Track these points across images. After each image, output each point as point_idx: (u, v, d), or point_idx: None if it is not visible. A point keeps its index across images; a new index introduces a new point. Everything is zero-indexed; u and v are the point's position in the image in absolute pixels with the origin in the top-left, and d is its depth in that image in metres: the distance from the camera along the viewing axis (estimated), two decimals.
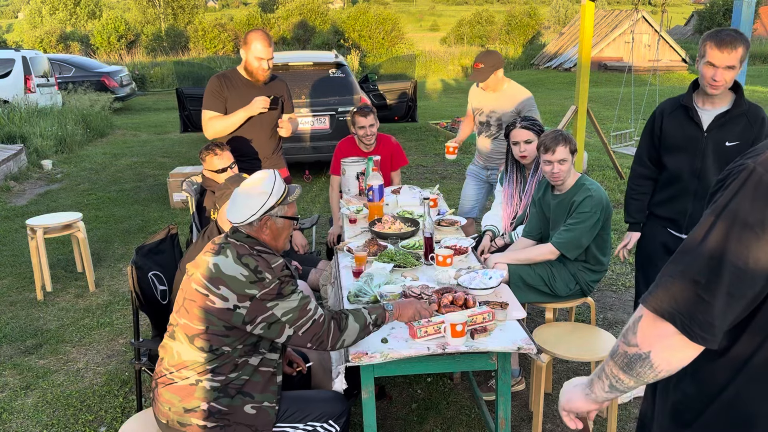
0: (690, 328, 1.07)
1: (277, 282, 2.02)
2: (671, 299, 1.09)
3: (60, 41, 31.39)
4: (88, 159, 9.68)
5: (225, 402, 2.06)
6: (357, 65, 21.72)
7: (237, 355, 2.06)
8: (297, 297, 2.05)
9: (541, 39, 29.74)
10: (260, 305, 2.00)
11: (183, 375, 2.07)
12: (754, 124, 2.62)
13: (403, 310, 2.25)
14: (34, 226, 4.57)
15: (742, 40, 2.49)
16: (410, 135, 10.61)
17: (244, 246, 2.10)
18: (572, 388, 1.38)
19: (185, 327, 2.08)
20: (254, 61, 3.73)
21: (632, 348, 1.14)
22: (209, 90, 3.81)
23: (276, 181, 2.17)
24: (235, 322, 2.01)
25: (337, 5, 49.20)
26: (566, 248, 2.98)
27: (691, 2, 54.70)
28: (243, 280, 2.00)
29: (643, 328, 1.12)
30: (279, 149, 4.07)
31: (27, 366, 3.70)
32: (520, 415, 3.08)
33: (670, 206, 2.88)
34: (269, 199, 2.13)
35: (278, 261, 2.06)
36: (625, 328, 1.18)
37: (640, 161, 3.00)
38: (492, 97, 4.08)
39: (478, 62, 3.96)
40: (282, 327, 2.03)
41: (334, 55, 8.64)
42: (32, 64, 12.23)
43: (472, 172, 4.37)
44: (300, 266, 3.55)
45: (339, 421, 2.22)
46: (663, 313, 1.09)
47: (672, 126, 2.81)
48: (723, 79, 2.54)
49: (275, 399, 2.14)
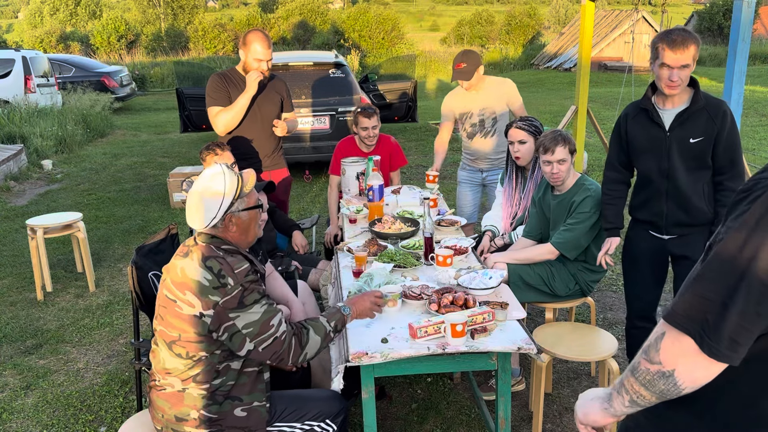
0: (717, 348, 1.05)
1: (240, 289, 1.94)
2: (696, 316, 1.06)
3: (60, 41, 31.40)
4: (88, 159, 9.68)
5: (214, 409, 2.02)
6: (357, 65, 21.73)
7: (216, 361, 2.00)
8: (260, 309, 1.97)
9: (541, 39, 29.74)
10: (223, 313, 1.93)
11: (169, 382, 2.04)
12: (716, 118, 2.63)
13: (358, 307, 2.22)
14: (34, 226, 4.58)
15: (692, 39, 2.53)
16: (410, 135, 10.61)
17: (210, 247, 2.02)
18: (589, 401, 1.36)
19: (162, 333, 2.04)
20: (253, 62, 3.73)
21: (655, 366, 1.12)
22: (212, 87, 3.80)
23: (226, 177, 2.06)
24: (203, 331, 1.96)
25: (337, 5, 49.18)
26: (566, 248, 2.98)
27: (691, 2, 54.69)
28: (207, 285, 1.93)
29: (667, 346, 1.10)
30: (279, 148, 4.07)
31: (27, 366, 3.70)
32: (520, 415, 3.08)
33: (647, 209, 2.88)
34: (224, 198, 2.03)
35: (242, 266, 1.98)
36: (646, 345, 1.15)
37: (611, 166, 2.97)
38: (478, 96, 4.07)
39: (460, 63, 3.93)
40: (243, 340, 1.96)
41: (334, 55, 8.64)
42: (32, 64, 12.23)
43: (465, 178, 4.33)
44: (300, 266, 3.55)
45: (336, 420, 2.21)
46: (687, 331, 1.07)
47: (636, 129, 2.82)
48: (679, 79, 2.56)
49: (264, 396, 2.11)
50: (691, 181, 2.71)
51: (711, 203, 2.74)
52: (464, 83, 3.99)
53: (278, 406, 2.16)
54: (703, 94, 2.67)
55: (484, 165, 4.22)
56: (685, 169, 2.70)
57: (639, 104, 2.80)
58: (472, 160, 4.27)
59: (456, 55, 4.01)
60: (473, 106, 4.09)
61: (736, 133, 2.68)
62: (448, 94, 4.26)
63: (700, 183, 2.72)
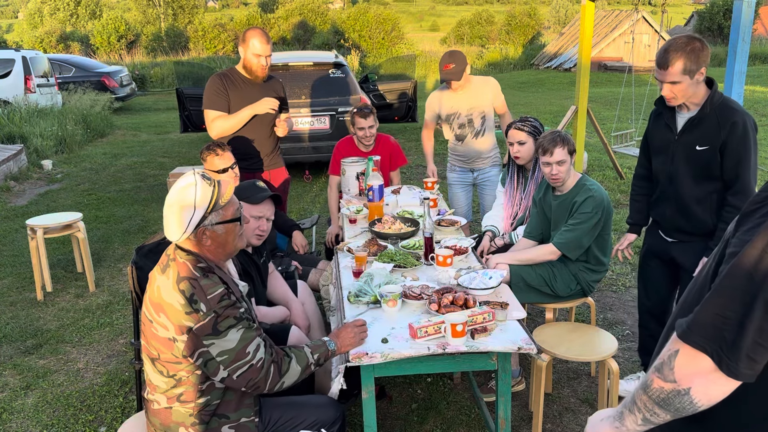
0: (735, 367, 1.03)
1: (213, 315, 1.85)
2: (712, 334, 1.04)
3: (60, 41, 31.41)
4: (88, 159, 9.68)
5: (201, 428, 1.98)
6: (357, 65, 21.72)
7: (198, 381, 1.94)
8: (236, 335, 1.89)
9: (541, 39, 29.75)
10: (197, 339, 1.86)
11: (156, 398, 2.01)
12: (723, 128, 2.54)
13: (342, 340, 2.15)
14: (34, 226, 4.58)
15: (677, 55, 2.46)
16: (410, 135, 10.60)
17: (186, 266, 1.92)
18: (599, 422, 1.33)
19: (145, 348, 1.99)
20: (253, 58, 3.75)
21: (669, 384, 1.11)
22: (211, 89, 3.80)
23: (198, 188, 1.94)
24: (178, 355, 1.89)
25: (337, 5, 49.20)
26: (567, 248, 2.98)
27: (691, 2, 54.71)
28: (179, 309, 1.86)
29: (682, 364, 1.08)
30: (277, 148, 4.09)
31: (27, 366, 3.70)
32: (520, 415, 3.08)
33: (655, 208, 2.94)
34: (195, 212, 1.92)
35: (216, 291, 1.88)
36: (659, 362, 1.13)
37: (639, 161, 3.05)
38: (464, 95, 4.06)
39: (448, 64, 3.92)
40: (217, 367, 1.89)
41: (334, 55, 8.64)
42: (32, 64, 12.23)
43: (456, 180, 4.33)
44: (300, 266, 3.55)
45: (332, 429, 2.18)
46: (704, 350, 1.05)
47: (653, 128, 2.85)
48: (673, 93, 2.56)
49: (253, 411, 2.06)
50: (696, 189, 2.67)
51: (716, 216, 2.68)
52: (453, 83, 3.98)
53: (273, 414, 2.13)
54: (719, 101, 2.59)
55: (478, 165, 4.23)
56: (692, 176, 2.67)
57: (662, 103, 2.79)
58: (463, 161, 4.26)
59: (442, 56, 4.01)
60: (460, 106, 4.08)
61: (746, 146, 2.54)
62: (431, 96, 4.23)
63: (707, 193, 2.66)
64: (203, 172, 2.03)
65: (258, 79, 3.83)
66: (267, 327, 2.71)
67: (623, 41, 20.83)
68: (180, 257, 1.95)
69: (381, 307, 2.44)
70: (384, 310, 2.42)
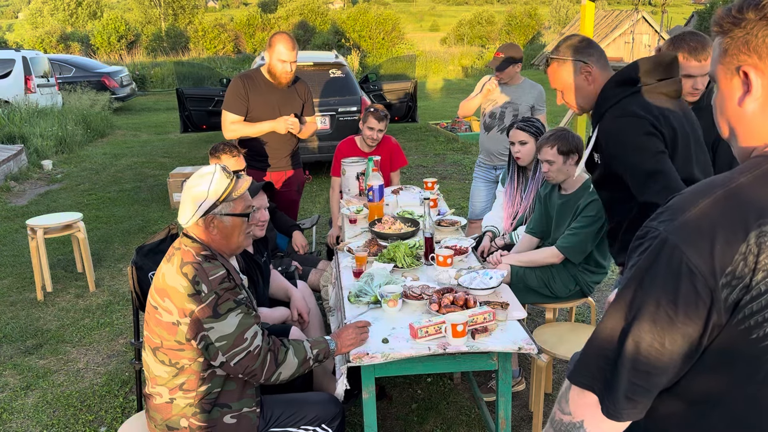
0: (614, 408, 1.03)
1: (214, 297, 1.90)
2: (595, 373, 1.05)
3: (60, 41, 31.39)
4: (88, 159, 9.68)
5: (203, 418, 2.00)
6: (357, 65, 21.72)
7: (200, 369, 1.97)
8: (235, 319, 1.93)
9: (541, 39, 29.75)
10: (199, 323, 1.91)
11: (158, 391, 2.02)
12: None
13: (343, 340, 2.15)
14: (34, 226, 4.57)
15: (709, 41, 2.29)
16: (410, 135, 10.61)
17: (190, 252, 1.99)
18: None
19: (148, 339, 2.03)
20: (278, 63, 3.77)
21: (567, 416, 1.12)
22: (232, 92, 3.83)
23: (215, 177, 2.02)
24: (181, 339, 1.94)
25: (337, 5, 49.21)
26: (571, 253, 2.98)
27: (691, 2, 54.71)
28: (182, 293, 1.91)
29: (573, 398, 1.10)
30: (296, 149, 4.17)
31: (27, 366, 3.70)
32: (520, 415, 3.08)
33: None
34: (207, 198, 2.00)
35: (218, 273, 1.94)
36: (560, 394, 1.15)
37: None
38: (507, 89, 4.15)
39: (499, 52, 4.08)
40: (216, 352, 1.93)
41: (335, 55, 8.63)
42: (32, 65, 12.23)
43: (480, 175, 4.40)
44: (300, 266, 3.55)
45: (333, 425, 2.19)
46: (590, 388, 1.06)
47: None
48: (703, 86, 2.43)
49: (254, 402, 2.08)
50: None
51: None
52: (497, 73, 4.08)
53: (274, 411, 2.14)
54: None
55: (498, 162, 4.27)
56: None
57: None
58: (487, 156, 4.33)
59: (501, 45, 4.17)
60: (499, 96, 4.17)
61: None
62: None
63: None
64: (224, 165, 2.11)
65: (281, 85, 3.84)
66: (267, 327, 2.71)
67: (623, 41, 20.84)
68: (185, 246, 2.02)
69: (381, 307, 2.44)
70: (384, 311, 2.42)
